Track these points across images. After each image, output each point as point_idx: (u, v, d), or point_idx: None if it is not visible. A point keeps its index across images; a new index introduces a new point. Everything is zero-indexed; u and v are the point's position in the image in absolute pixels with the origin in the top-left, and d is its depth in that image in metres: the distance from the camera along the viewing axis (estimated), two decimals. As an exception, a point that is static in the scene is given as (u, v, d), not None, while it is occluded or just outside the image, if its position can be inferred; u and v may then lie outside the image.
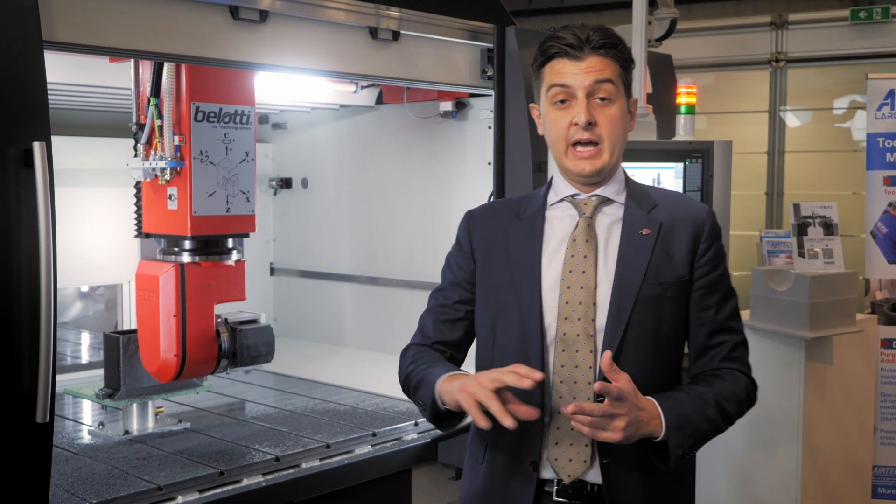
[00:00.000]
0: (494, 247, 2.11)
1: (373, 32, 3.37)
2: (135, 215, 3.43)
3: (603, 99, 1.99)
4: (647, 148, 3.70)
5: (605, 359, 1.81)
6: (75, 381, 4.20)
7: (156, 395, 3.54)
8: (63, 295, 4.63)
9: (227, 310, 3.45)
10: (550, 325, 1.99)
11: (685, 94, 4.03)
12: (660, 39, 4.51)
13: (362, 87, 4.55)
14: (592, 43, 1.97)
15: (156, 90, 3.17)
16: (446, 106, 4.30)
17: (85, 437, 3.56)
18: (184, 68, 3.16)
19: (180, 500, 2.95)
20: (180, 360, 3.25)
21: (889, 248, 4.71)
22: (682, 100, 4.04)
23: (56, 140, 2.39)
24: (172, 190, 3.22)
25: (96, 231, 4.37)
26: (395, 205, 4.70)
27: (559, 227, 2.07)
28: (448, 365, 2.05)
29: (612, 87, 1.99)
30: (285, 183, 5.23)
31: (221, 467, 3.12)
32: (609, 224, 2.05)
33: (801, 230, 3.96)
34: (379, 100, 4.67)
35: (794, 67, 7.30)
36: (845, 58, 7.01)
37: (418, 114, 4.49)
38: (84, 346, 4.94)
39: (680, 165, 3.67)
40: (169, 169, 3.19)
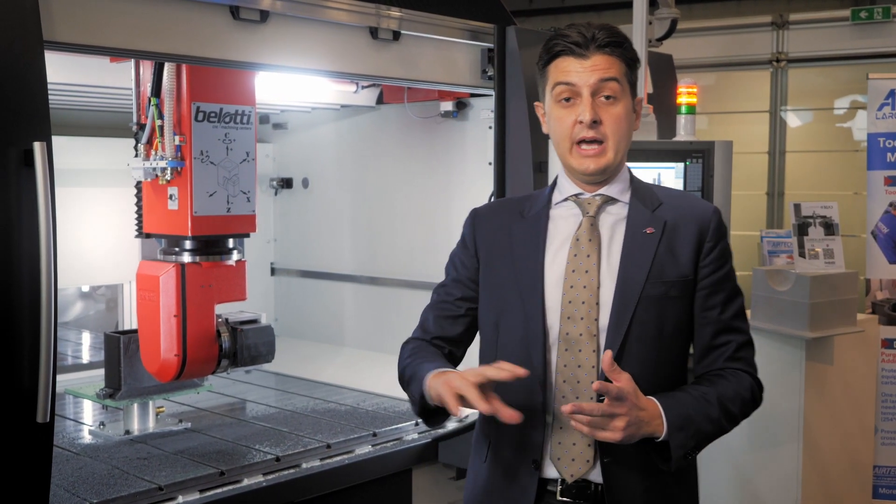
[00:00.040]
0: (498, 245, 2.11)
1: (373, 32, 3.36)
2: (135, 215, 3.43)
3: (608, 97, 1.98)
4: (648, 148, 3.70)
5: (606, 358, 1.80)
6: (76, 380, 4.20)
7: (156, 395, 3.54)
8: (64, 295, 4.63)
9: (227, 310, 3.46)
10: (553, 325, 1.98)
11: (686, 94, 4.03)
12: (660, 39, 4.51)
13: (363, 87, 4.55)
14: (598, 41, 1.97)
15: (156, 90, 3.17)
16: (447, 106, 4.30)
17: (86, 436, 3.56)
18: (184, 68, 3.16)
19: (181, 499, 2.95)
20: (181, 360, 3.25)
21: (890, 248, 4.70)
22: (683, 100, 4.04)
23: (57, 140, 2.39)
24: (173, 190, 3.23)
25: (97, 231, 4.37)
26: (396, 205, 4.69)
27: (563, 227, 2.06)
28: (441, 361, 2.04)
29: (617, 85, 1.98)
30: (286, 183, 5.23)
31: (222, 467, 3.12)
32: (613, 223, 2.04)
33: (802, 230, 3.96)
34: (379, 100, 4.67)
35: (794, 67, 7.30)
36: (846, 58, 7.01)
37: (419, 114, 4.49)
38: (85, 346, 4.94)
39: (680, 165, 3.66)
40: (170, 169, 3.19)
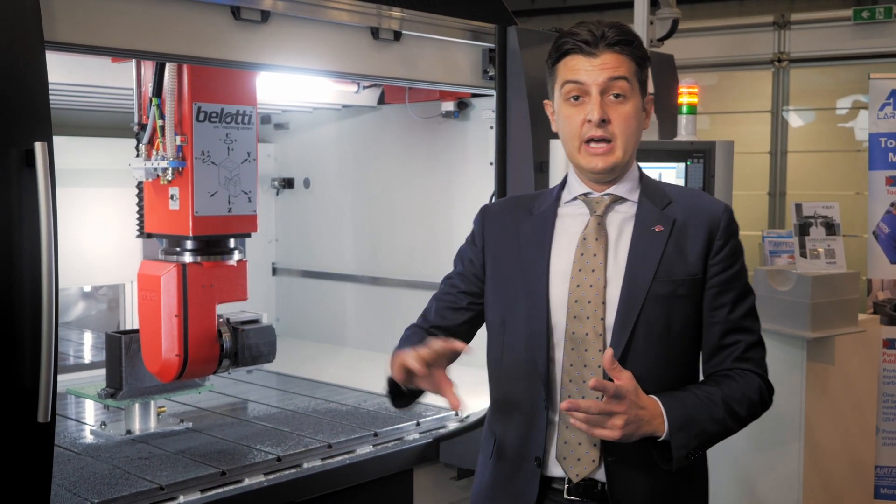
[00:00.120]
0: (506, 242, 2.10)
1: (374, 32, 3.36)
2: (137, 215, 3.43)
3: (617, 96, 1.97)
4: (649, 148, 3.69)
5: (607, 356, 1.80)
6: (78, 380, 4.20)
7: (158, 395, 3.54)
8: (65, 295, 4.64)
9: (228, 310, 3.46)
10: (559, 323, 1.97)
11: (687, 94, 4.02)
12: (662, 39, 4.52)
13: (364, 88, 4.55)
14: (607, 39, 1.96)
15: (158, 90, 3.17)
16: (448, 106, 4.31)
17: (87, 436, 3.56)
18: (185, 68, 3.16)
19: (182, 499, 2.95)
20: (182, 359, 3.26)
21: (891, 248, 4.70)
22: (684, 100, 4.03)
23: (57, 140, 2.39)
24: (174, 190, 3.23)
25: (98, 231, 4.37)
26: (397, 205, 4.70)
27: (571, 225, 2.05)
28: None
29: (626, 84, 1.97)
30: (287, 183, 5.24)
31: (223, 467, 3.12)
32: (621, 221, 2.02)
33: (804, 230, 3.96)
34: (381, 100, 4.68)
35: (796, 67, 7.30)
36: (848, 58, 7.01)
37: (420, 114, 4.49)
38: (86, 345, 4.94)
39: (681, 165, 3.66)
40: (171, 169, 3.19)
